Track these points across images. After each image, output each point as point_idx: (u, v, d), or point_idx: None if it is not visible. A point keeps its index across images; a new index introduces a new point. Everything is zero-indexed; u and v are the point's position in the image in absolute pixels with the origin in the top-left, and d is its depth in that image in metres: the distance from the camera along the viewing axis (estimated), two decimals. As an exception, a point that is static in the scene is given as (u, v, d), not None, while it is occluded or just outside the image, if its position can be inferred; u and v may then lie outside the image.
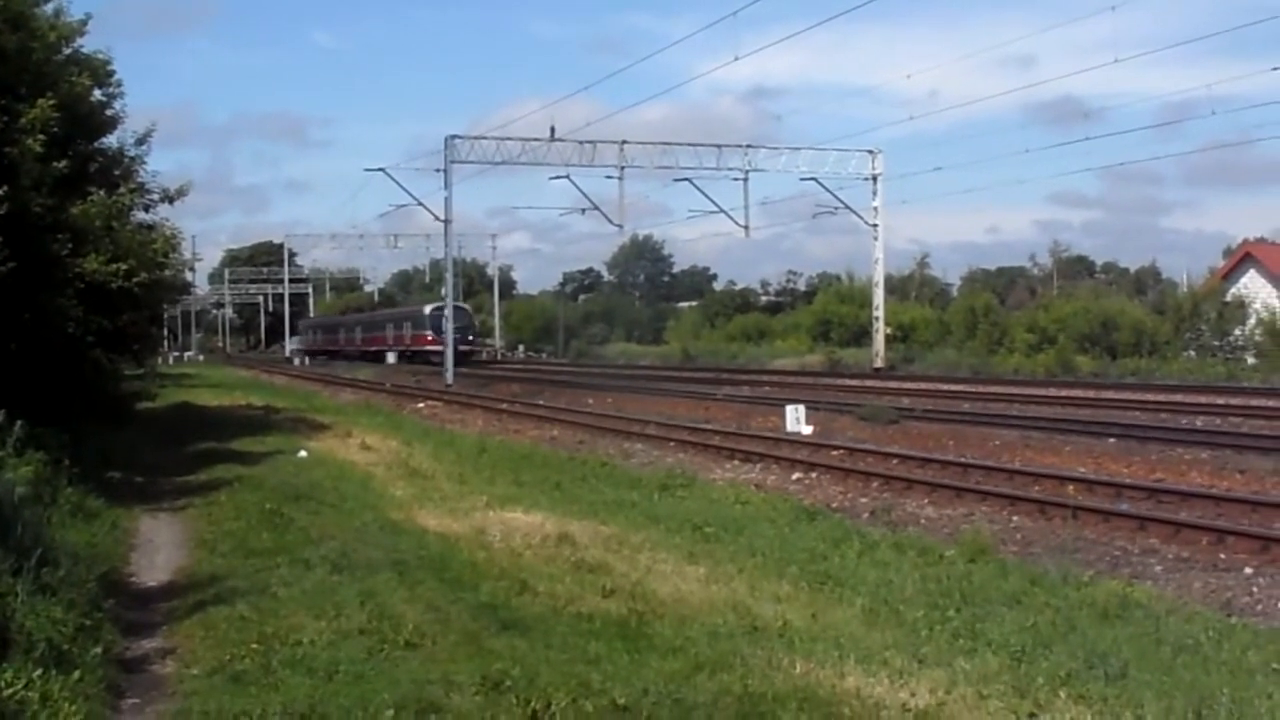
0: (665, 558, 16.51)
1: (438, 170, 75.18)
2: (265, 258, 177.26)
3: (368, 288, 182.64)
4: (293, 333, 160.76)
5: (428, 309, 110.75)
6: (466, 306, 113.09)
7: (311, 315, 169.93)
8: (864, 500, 23.74)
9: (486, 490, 23.66)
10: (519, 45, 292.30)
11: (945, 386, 57.02)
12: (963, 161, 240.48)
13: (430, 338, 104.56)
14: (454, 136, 73.56)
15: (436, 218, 79.01)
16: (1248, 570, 16.64)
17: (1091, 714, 9.75)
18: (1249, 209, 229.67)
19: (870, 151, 77.37)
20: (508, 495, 22.90)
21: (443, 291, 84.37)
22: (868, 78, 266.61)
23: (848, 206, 77.98)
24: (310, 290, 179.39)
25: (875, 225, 77.34)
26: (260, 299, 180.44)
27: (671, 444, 34.36)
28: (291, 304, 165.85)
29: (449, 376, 72.03)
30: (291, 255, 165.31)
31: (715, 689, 10.19)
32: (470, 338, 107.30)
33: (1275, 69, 54.91)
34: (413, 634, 11.99)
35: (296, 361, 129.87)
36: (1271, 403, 44.23)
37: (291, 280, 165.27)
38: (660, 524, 19.48)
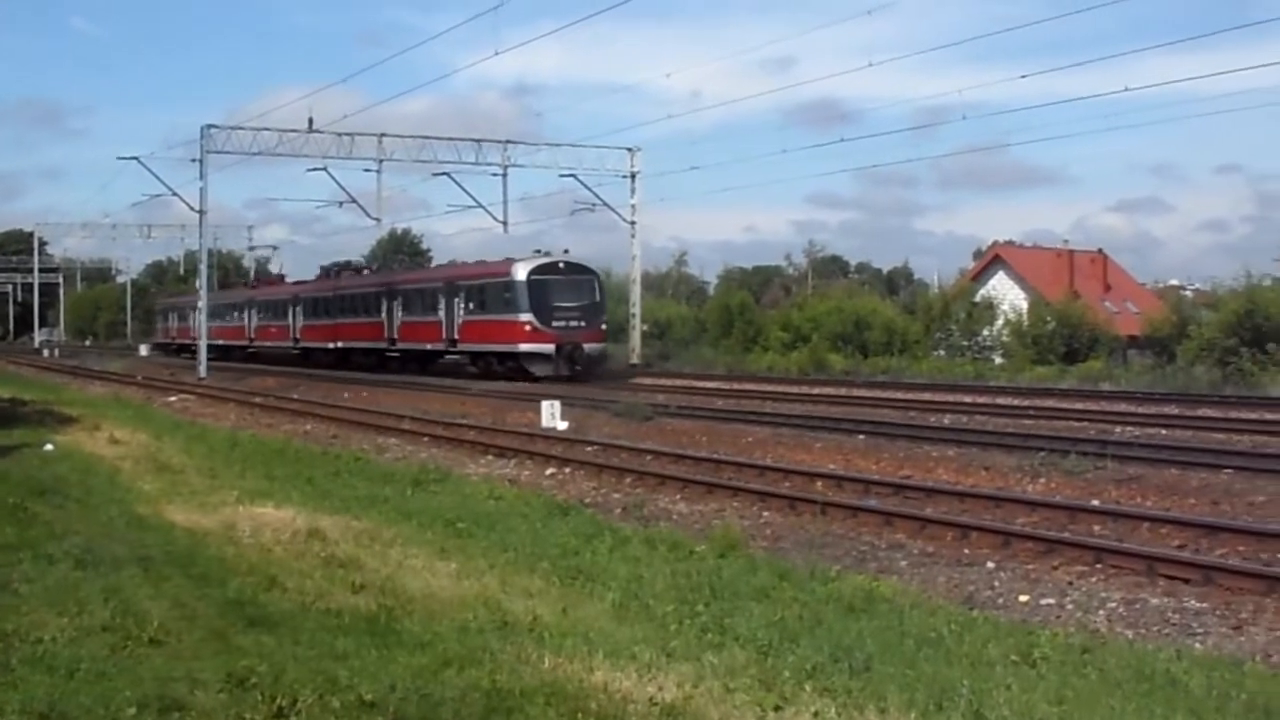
0: (417, 553, 16.40)
1: (194, 160, 73.73)
2: (15, 246, 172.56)
3: (120, 278, 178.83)
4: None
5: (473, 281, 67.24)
6: (595, 272, 65.92)
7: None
8: (617, 496, 23.83)
9: (237, 485, 23.30)
10: (280, 34, 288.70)
11: (700, 384, 57.54)
12: (721, 161, 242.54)
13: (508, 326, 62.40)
14: (210, 126, 71.99)
15: (191, 208, 77.27)
16: (990, 565, 17.01)
17: (836, 706, 9.86)
18: (1000, 212, 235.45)
19: (629, 149, 77.66)
20: (259, 490, 22.56)
21: (197, 284, 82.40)
22: (629, 76, 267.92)
23: (606, 204, 78.05)
24: (61, 280, 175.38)
25: (633, 223, 77.56)
26: (9, 289, 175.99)
27: (426, 439, 34.21)
28: (41, 294, 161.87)
29: (202, 370, 70.83)
30: (42, 244, 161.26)
31: (463, 684, 10.13)
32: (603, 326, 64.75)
33: (1024, 76, 56.22)
34: (157, 631, 11.72)
35: (45, 353, 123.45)
36: (1016, 401, 45.38)
37: (41, 270, 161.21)
38: (413, 519, 19.35)
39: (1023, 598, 15.23)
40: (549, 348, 60.79)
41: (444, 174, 75.01)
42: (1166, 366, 60.00)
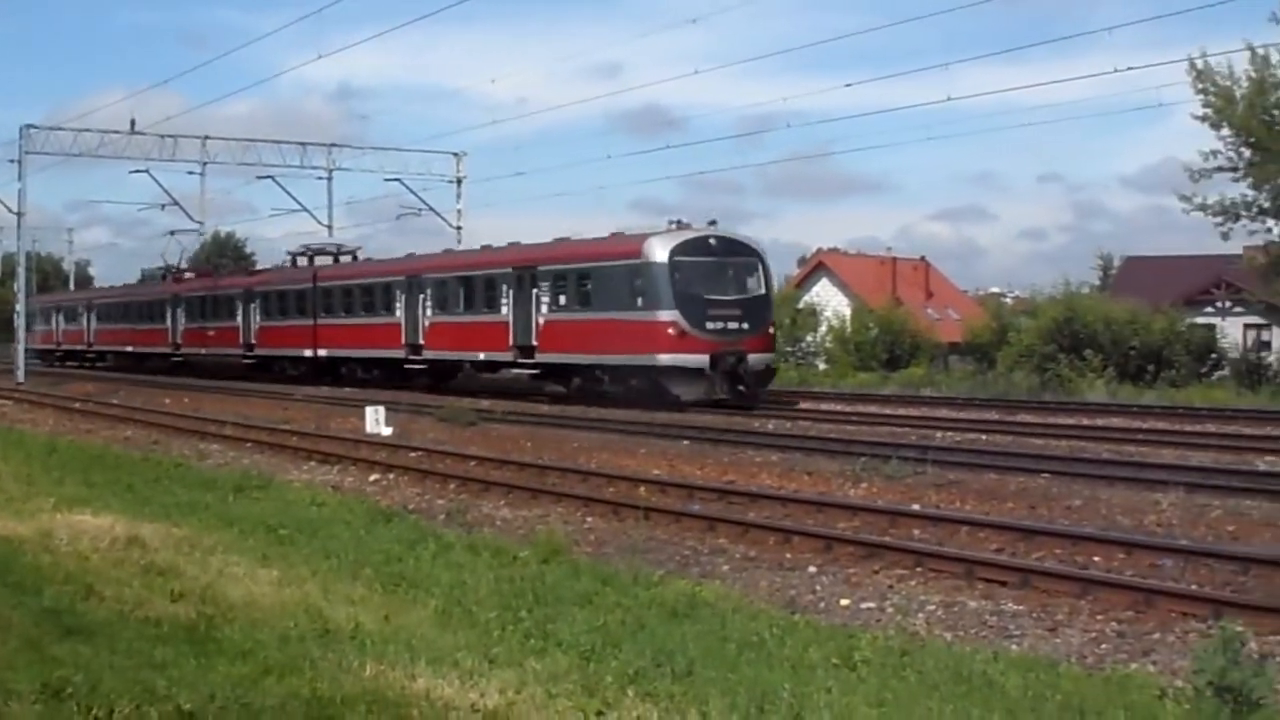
0: (238, 560, 16.21)
1: (12, 161, 72.43)
2: None
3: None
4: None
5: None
6: (758, 250, 47.87)
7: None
8: (441, 502, 23.74)
9: (55, 492, 22.85)
10: (102, 33, 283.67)
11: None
12: (547, 166, 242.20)
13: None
14: (29, 126, 70.99)
15: (10, 210, 75.98)
16: (811, 569, 17.15)
17: (658, 711, 9.88)
18: (824, 220, 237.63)
19: (455, 154, 77.56)
20: (77, 497, 22.17)
21: (15, 287, 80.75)
22: (454, 81, 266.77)
23: (432, 208, 77.94)
24: None
25: (459, 228, 77.52)
26: None
27: (249, 445, 33.85)
28: None
29: (20, 374, 69.55)
30: None
31: (283, 693, 10.04)
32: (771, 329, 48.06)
33: (849, 85, 56.86)
34: (-32, 641, 11.52)
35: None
36: (839, 406, 45.86)
37: None
38: (234, 526, 19.13)
39: (844, 601, 15.39)
40: (702, 359, 43.16)
41: (268, 177, 74.49)
42: (987, 373, 60.98)
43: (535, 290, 49.26)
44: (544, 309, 49.03)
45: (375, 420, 36.73)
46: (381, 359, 59.20)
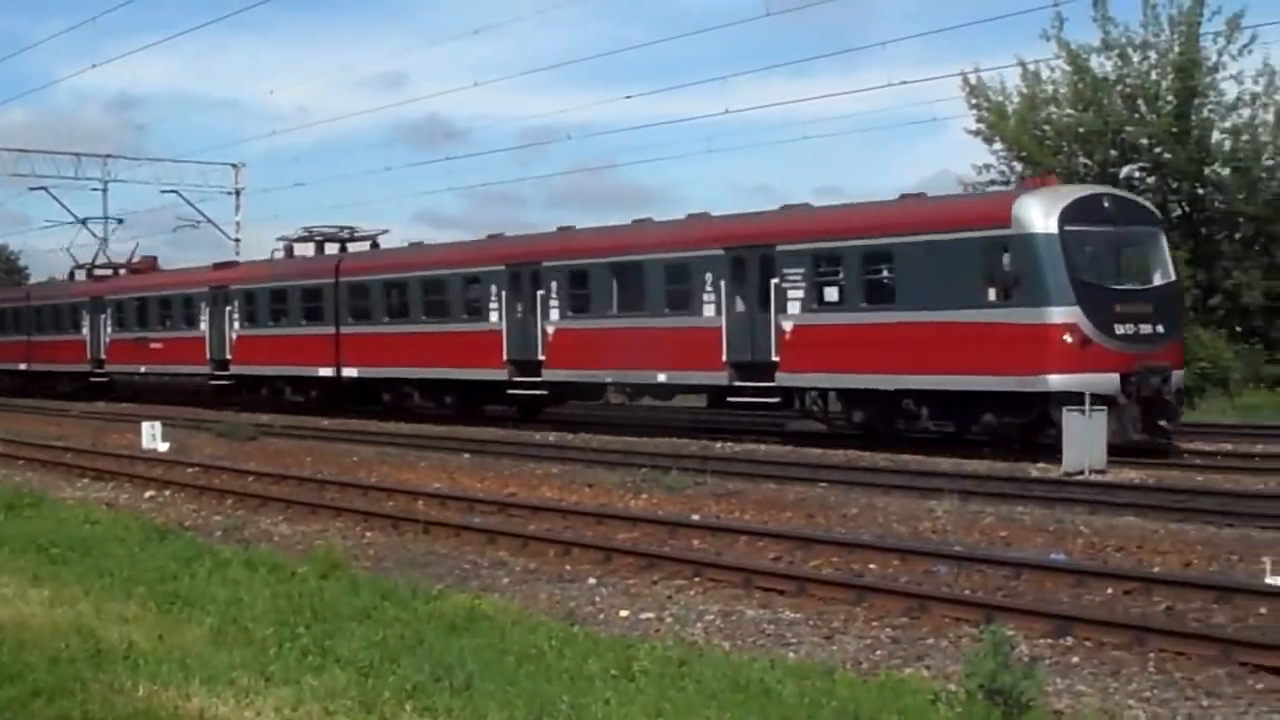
0: (7, 581, 15.85)
1: None
2: None
3: None
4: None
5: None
6: (1159, 218, 35.18)
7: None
8: (218, 518, 23.45)
9: None
10: None
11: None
12: (327, 178, 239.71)
13: None
14: None
15: None
16: (591, 580, 17.21)
17: (437, 725, 9.87)
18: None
19: (233, 165, 76.61)
20: None
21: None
22: (234, 90, 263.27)
23: (210, 220, 76.75)
24: None
25: (237, 240, 76.51)
26: None
27: (20, 462, 33.13)
28: None
29: None
30: None
31: (53, 716, 9.85)
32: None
33: (629, 97, 57.04)
34: None
35: None
36: (618, 414, 45.84)
37: None
38: (4, 546, 18.66)
39: (623, 613, 15.45)
40: (1111, 380, 28.85)
41: (41, 188, 72.86)
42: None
43: (777, 280, 33.84)
44: (794, 305, 33.58)
45: (152, 436, 36.18)
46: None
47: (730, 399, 35.73)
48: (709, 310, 35.08)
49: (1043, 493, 23.85)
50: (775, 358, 33.48)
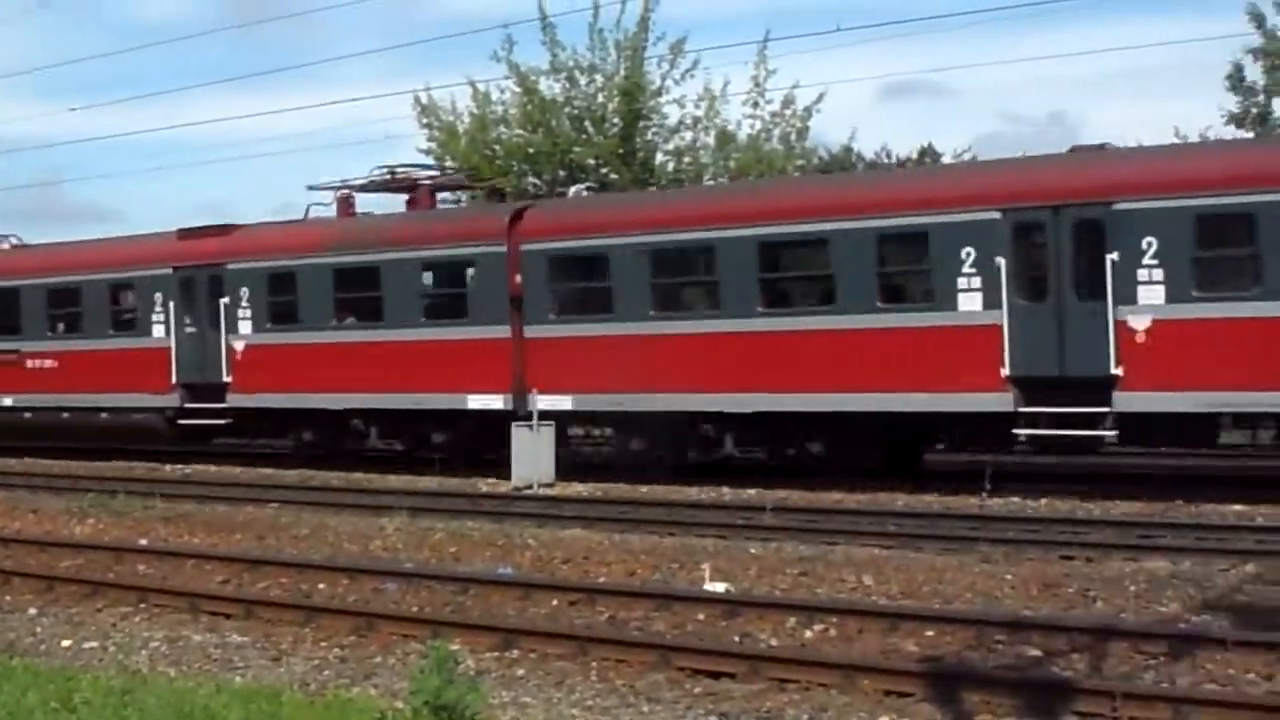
0: None
1: None
2: None
3: None
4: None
5: None
6: None
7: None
8: None
9: None
10: None
11: None
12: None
13: None
14: None
15: None
16: (32, 610, 16.72)
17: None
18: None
19: None
20: None
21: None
22: None
23: None
24: None
25: None
26: None
27: None
28: None
29: None
30: None
31: None
32: None
33: (73, 110, 55.54)
34: None
35: None
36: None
37: None
38: None
39: (65, 643, 15.07)
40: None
41: None
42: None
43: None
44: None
45: None
46: None
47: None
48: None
49: (492, 507, 24.38)
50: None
